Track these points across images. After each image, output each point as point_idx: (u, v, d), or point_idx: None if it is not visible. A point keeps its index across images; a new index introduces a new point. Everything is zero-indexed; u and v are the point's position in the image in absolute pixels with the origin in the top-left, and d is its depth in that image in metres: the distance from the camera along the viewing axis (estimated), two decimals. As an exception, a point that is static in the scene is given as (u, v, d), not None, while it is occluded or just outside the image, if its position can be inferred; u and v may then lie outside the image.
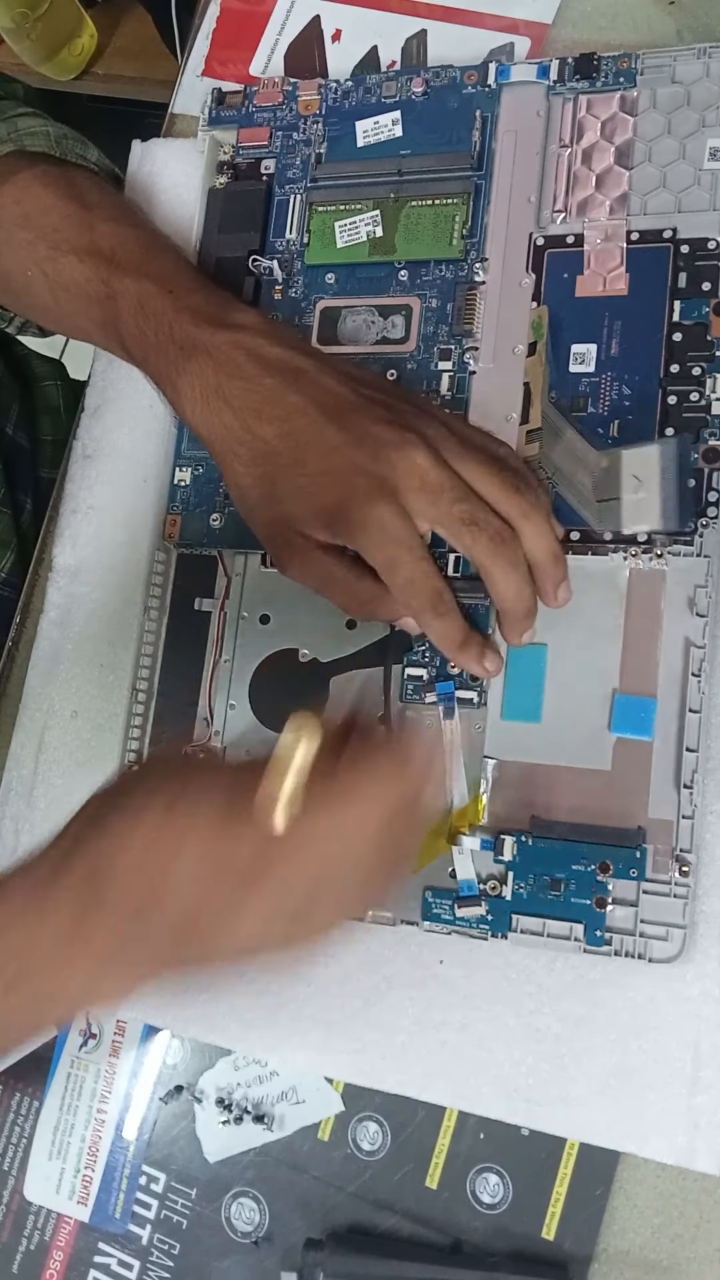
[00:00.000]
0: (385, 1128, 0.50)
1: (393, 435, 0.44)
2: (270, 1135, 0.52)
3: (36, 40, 1.24)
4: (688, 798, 0.46)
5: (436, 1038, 0.48)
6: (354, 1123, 0.51)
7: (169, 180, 0.61)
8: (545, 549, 0.46)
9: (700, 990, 0.45)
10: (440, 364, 0.53)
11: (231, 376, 0.46)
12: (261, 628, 0.54)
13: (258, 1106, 0.52)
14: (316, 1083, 0.51)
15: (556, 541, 0.46)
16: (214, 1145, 0.52)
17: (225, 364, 0.47)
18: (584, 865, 0.47)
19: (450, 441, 0.45)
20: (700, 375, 0.48)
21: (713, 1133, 0.44)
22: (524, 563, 0.45)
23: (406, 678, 0.51)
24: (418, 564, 0.44)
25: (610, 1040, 0.46)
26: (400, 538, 0.44)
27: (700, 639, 0.47)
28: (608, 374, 0.50)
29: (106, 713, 0.56)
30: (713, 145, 0.50)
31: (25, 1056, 0.57)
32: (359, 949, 0.50)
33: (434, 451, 0.44)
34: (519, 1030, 0.47)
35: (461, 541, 0.45)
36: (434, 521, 0.44)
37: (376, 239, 0.55)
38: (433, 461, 0.44)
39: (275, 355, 0.47)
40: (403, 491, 0.44)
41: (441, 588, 0.46)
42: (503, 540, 0.44)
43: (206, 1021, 0.52)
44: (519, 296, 0.52)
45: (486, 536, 0.44)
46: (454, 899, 0.48)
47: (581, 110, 0.52)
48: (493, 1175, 0.48)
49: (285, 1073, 0.52)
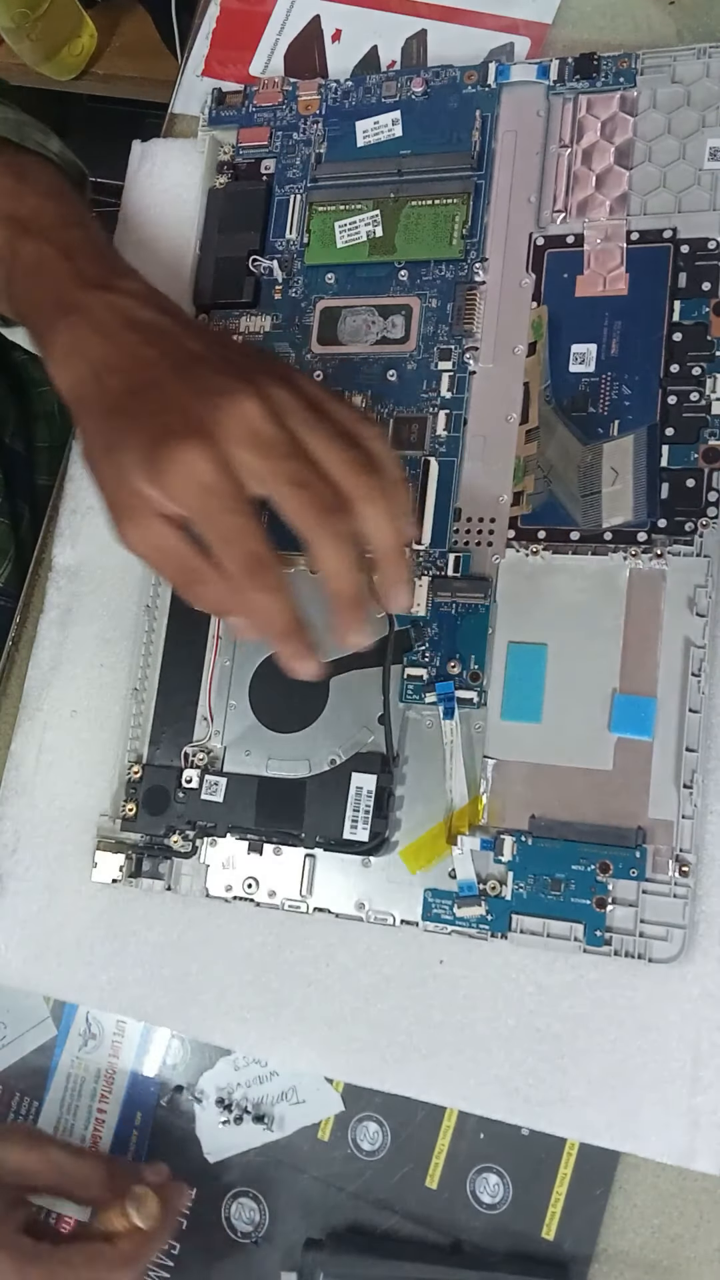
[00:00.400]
0: (385, 1128, 0.50)
1: (229, 384, 0.41)
2: (270, 1135, 0.52)
3: (36, 40, 1.24)
4: (688, 798, 0.46)
5: (436, 1038, 0.48)
6: (354, 1123, 0.51)
7: (169, 180, 0.61)
8: (385, 540, 0.42)
9: (700, 990, 0.45)
10: (440, 364, 0.53)
11: (95, 332, 0.45)
12: (261, 628, 0.54)
13: (258, 1106, 0.52)
14: (316, 1083, 0.51)
15: (400, 539, 0.42)
16: (214, 1145, 0.52)
17: (94, 322, 0.46)
18: (584, 865, 0.47)
19: (299, 405, 0.42)
20: (700, 375, 0.48)
21: (713, 1133, 0.44)
22: (354, 543, 0.41)
23: (406, 678, 0.51)
24: (232, 517, 0.40)
25: (610, 1040, 0.46)
26: (210, 484, 0.40)
27: (700, 639, 0.47)
28: (608, 374, 0.50)
29: (106, 713, 0.56)
30: (713, 145, 0.50)
31: (26, 1056, 0.57)
32: (359, 949, 0.50)
33: (272, 407, 0.41)
34: (519, 1030, 0.47)
35: (287, 505, 0.40)
36: (258, 479, 0.40)
37: (376, 239, 0.55)
38: (266, 415, 0.40)
39: (144, 317, 0.46)
40: (224, 439, 0.40)
41: (263, 552, 0.40)
42: (332, 510, 0.40)
43: (206, 1021, 0.52)
44: (519, 296, 0.52)
45: (314, 502, 0.40)
46: (454, 899, 0.48)
47: (581, 110, 0.52)
48: (493, 1175, 0.48)
49: (285, 1073, 0.52)
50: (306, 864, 0.51)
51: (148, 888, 0.53)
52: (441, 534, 0.52)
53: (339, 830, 0.50)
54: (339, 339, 0.55)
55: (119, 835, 0.54)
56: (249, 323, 0.57)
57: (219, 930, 0.52)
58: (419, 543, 0.52)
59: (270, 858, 0.52)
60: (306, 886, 0.51)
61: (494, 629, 0.50)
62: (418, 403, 0.53)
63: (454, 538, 0.51)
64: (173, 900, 0.53)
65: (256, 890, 0.52)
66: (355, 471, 0.41)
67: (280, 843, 0.52)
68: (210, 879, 0.52)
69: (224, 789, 0.53)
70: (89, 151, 0.65)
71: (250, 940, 0.52)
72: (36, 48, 1.26)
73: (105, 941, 0.54)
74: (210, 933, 0.53)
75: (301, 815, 0.51)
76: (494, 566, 0.50)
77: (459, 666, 0.50)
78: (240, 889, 0.52)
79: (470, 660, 0.50)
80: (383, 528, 0.42)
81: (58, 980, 0.55)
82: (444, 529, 0.52)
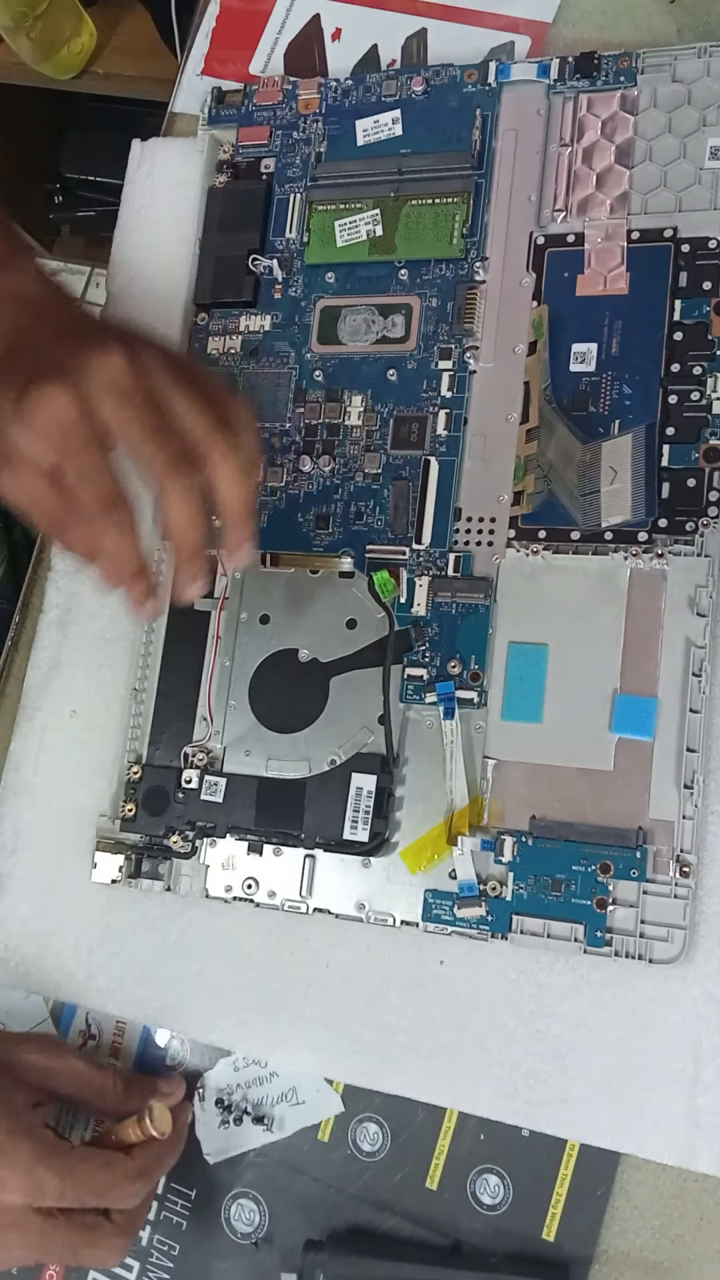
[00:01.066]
0: (385, 1129, 0.50)
1: (101, 339, 0.43)
2: (270, 1136, 0.52)
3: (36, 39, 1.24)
4: (689, 798, 0.46)
5: (436, 1038, 0.48)
6: (354, 1124, 0.51)
7: (169, 179, 0.61)
8: (232, 495, 0.44)
9: (701, 991, 0.45)
10: (440, 363, 0.53)
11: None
12: (261, 628, 0.54)
13: (257, 1107, 0.52)
14: (316, 1083, 0.51)
15: (247, 500, 0.44)
16: (214, 1146, 0.52)
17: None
18: (585, 866, 0.47)
19: (164, 366, 0.43)
20: (701, 374, 0.48)
21: (713, 1133, 0.44)
22: (200, 497, 0.43)
23: (406, 678, 0.51)
24: (89, 456, 0.42)
25: (611, 1041, 0.46)
26: (70, 424, 0.41)
27: (701, 639, 0.47)
28: (608, 373, 0.50)
29: (106, 713, 0.56)
30: (713, 144, 0.50)
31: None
32: (359, 949, 0.50)
33: (137, 363, 0.42)
34: (519, 1031, 0.47)
35: (141, 451, 0.42)
36: (118, 425, 0.42)
37: (376, 238, 0.55)
38: (130, 368, 0.42)
39: (32, 293, 0.48)
40: (87, 384, 0.42)
41: (114, 491, 0.42)
42: (183, 463, 0.42)
43: (206, 1021, 0.52)
44: (519, 296, 0.52)
45: (167, 453, 0.42)
46: (454, 900, 0.48)
47: (582, 109, 0.52)
48: (493, 1176, 0.48)
49: (285, 1073, 0.52)
50: (306, 864, 0.51)
51: (147, 888, 0.53)
52: (442, 534, 0.52)
53: (339, 830, 0.50)
54: (339, 338, 0.55)
55: (118, 836, 0.54)
56: (249, 322, 0.57)
57: (218, 931, 0.52)
58: (419, 542, 0.52)
59: (270, 858, 0.52)
60: (306, 887, 0.51)
61: (494, 629, 0.50)
62: (418, 402, 0.53)
63: (454, 537, 0.51)
64: (172, 901, 0.53)
65: (256, 891, 0.51)
66: (209, 429, 0.43)
67: (280, 843, 0.51)
68: (210, 879, 0.52)
69: (224, 789, 0.52)
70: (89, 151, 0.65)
71: (250, 941, 0.52)
72: (36, 46, 1.26)
73: (105, 942, 0.54)
74: (210, 933, 0.52)
75: (301, 815, 0.51)
76: (494, 566, 0.50)
77: (459, 666, 0.50)
78: (240, 889, 0.52)
79: (470, 660, 0.50)
80: (233, 485, 0.44)
81: (58, 980, 0.55)
82: (444, 529, 0.52)
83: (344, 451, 0.54)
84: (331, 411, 0.54)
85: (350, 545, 0.53)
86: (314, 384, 0.55)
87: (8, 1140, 0.47)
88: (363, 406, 0.54)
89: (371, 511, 0.53)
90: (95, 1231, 0.48)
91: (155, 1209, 0.53)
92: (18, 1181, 0.46)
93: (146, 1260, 0.53)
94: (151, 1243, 0.53)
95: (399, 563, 0.52)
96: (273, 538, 0.54)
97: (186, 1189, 0.53)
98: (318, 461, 0.54)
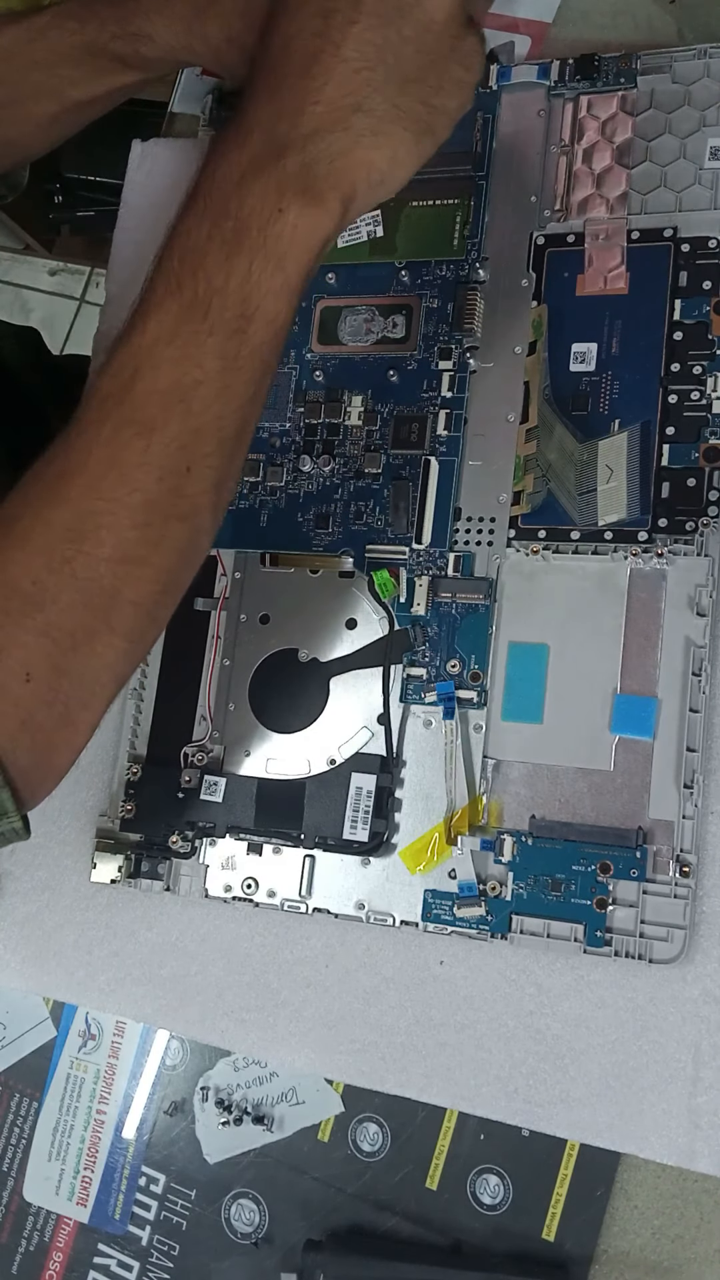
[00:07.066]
0: (385, 1129, 0.50)
1: None
2: (270, 1136, 0.52)
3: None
4: (689, 798, 0.46)
5: (436, 1038, 0.48)
6: (354, 1124, 0.51)
7: (169, 179, 0.61)
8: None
9: (701, 991, 0.45)
10: (440, 364, 0.53)
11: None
12: (261, 628, 0.54)
13: (257, 1107, 0.52)
14: (316, 1083, 0.51)
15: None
16: (214, 1146, 0.52)
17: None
18: (584, 866, 0.47)
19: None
20: (701, 374, 0.48)
21: (713, 1133, 0.44)
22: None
23: (406, 678, 0.51)
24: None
25: (610, 1041, 0.46)
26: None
27: (701, 639, 0.47)
28: (608, 373, 0.50)
29: (107, 712, 0.56)
30: (713, 144, 0.50)
31: (25, 1056, 0.57)
32: (359, 949, 0.50)
33: None
34: (519, 1031, 0.47)
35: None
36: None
37: (377, 239, 0.55)
38: None
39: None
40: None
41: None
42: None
43: (206, 1022, 0.52)
44: (519, 296, 0.52)
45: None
46: (454, 900, 0.48)
47: (582, 110, 0.52)
48: (493, 1176, 0.48)
49: (285, 1073, 0.52)
50: (306, 864, 0.51)
51: (147, 888, 0.53)
52: (442, 534, 0.52)
53: (339, 830, 0.50)
54: (339, 338, 0.55)
55: (118, 835, 0.54)
56: (249, 322, 0.57)
57: (218, 931, 0.52)
58: (419, 542, 0.52)
59: (270, 858, 0.52)
60: (306, 887, 0.51)
61: (494, 629, 0.50)
62: (418, 402, 0.53)
63: (454, 537, 0.51)
64: (172, 901, 0.53)
65: (256, 891, 0.51)
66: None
67: (280, 843, 0.51)
68: (209, 879, 0.52)
69: (223, 789, 0.52)
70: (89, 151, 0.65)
71: (249, 941, 0.52)
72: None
73: (104, 942, 0.54)
74: (209, 933, 0.52)
75: (301, 815, 0.51)
76: (494, 566, 0.50)
77: (459, 666, 0.50)
78: (239, 889, 0.52)
79: (470, 660, 0.50)
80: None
81: (57, 980, 0.55)
82: (444, 529, 0.52)
83: (344, 451, 0.54)
84: (332, 411, 0.54)
85: (350, 545, 0.53)
86: (314, 384, 0.55)
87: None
88: (363, 406, 0.54)
89: (371, 511, 0.53)
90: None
91: (155, 1209, 0.53)
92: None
93: (146, 1260, 0.53)
94: (151, 1243, 0.53)
95: (399, 562, 0.52)
96: (273, 538, 0.54)
97: (186, 1189, 0.53)
98: (318, 461, 0.54)
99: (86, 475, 0.39)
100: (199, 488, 0.40)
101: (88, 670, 0.40)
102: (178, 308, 0.39)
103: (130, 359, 0.39)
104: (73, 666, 0.39)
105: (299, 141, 0.39)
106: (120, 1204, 0.54)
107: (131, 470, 0.39)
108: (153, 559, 0.40)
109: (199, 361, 0.39)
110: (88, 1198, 0.55)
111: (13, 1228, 0.55)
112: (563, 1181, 0.47)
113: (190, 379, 0.39)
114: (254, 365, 0.40)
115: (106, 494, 0.39)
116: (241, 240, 0.39)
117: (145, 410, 0.39)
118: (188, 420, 0.39)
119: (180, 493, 0.40)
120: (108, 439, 0.39)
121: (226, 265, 0.39)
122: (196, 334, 0.39)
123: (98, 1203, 0.54)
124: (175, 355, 0.39)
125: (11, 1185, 0.56)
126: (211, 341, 0.39)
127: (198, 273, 0.39)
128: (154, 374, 0.39)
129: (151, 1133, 0.54)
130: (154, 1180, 0.53)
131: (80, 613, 0.39)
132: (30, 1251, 0.55)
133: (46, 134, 0.59)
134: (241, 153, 0.39)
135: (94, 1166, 0.55)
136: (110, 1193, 0.54)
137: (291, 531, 0.54)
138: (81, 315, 1.58)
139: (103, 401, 0.39)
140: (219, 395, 0.39)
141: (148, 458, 0.39)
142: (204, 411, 0.39)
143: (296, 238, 0.39)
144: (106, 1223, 0.54)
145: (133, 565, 0.39)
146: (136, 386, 0.39)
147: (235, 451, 0.41)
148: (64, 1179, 0.55)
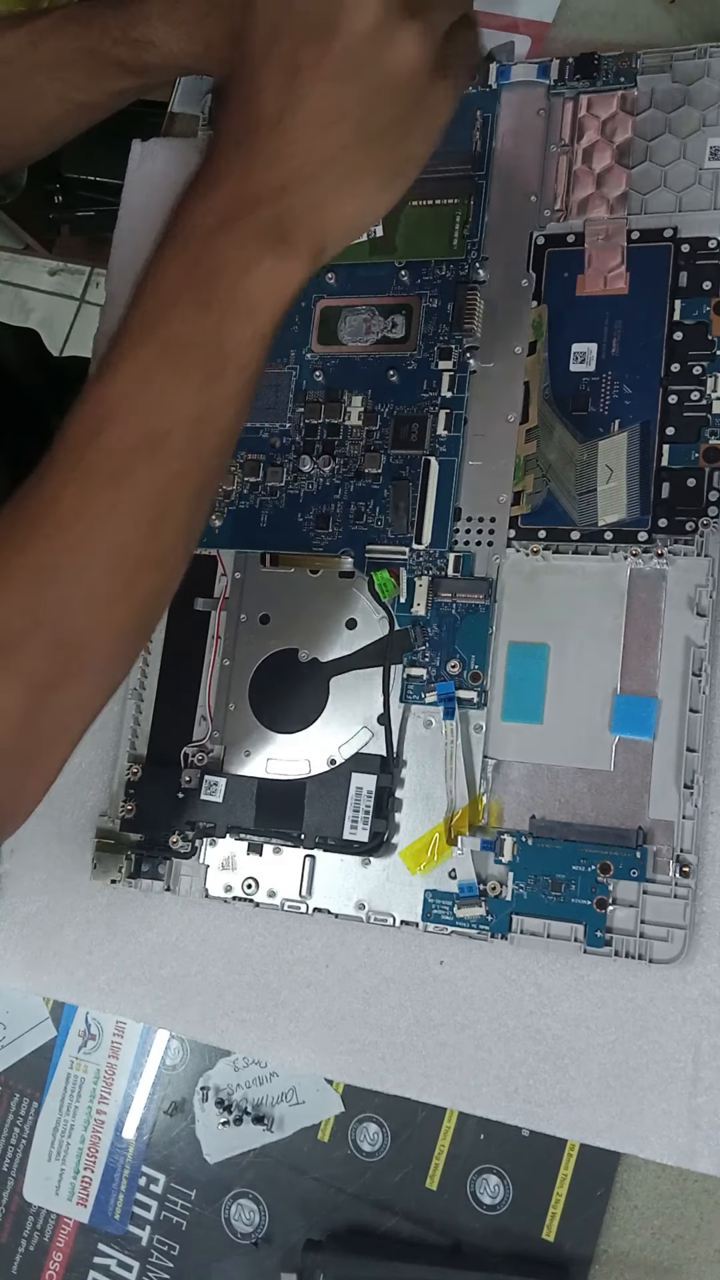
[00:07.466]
0: (385, 1129, 0.50)
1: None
2: (270, 1136, 0.52)
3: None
4: (689, 798, 0.46)
5: (436, 1038, 0.48)
6: (354, 1124, 0.51)
7: (169, 179, 0.60)
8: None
9: (701, 991, 0.45)
10: (440, 364, 0.53)
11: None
12: (261, 628, 0.54)
13: (257, 1107, 0.52)
14: (316, 1083, 0.51)
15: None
16: (214, 1146, 0.52)
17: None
18: (584, 866, 0.47)
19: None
20: (701, 374, 0.48)
21: (713, 1133, 0.44)
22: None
23: (406, 678, 0.51)
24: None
25: (610, 1041, 0.46)
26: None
27: (701, 639, 0.47)
28: (608, 373, 0.50)
29: (106, 712, 0.56)
30: (713, 144, 0.50)
31: (25, 1056, 0.57)
32: (359, 949, 0.50)
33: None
34: (519, 1031, 0.47)
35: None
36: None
37: (377, 239, 0.55)
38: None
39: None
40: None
41: None
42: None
43: (206, 1022, 0.52)
44: (519, 296, 0.52)
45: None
46: (454, 900, 0.48)
47: (582, 109, 0.52)
48: (493, 1176, 0.48)
49: (285, 1073, 0.52)
50: (306, 864, 0.51)
51: (147, 888, 0.53)
52: (442, 534, 0.52)
53: (339, 830, 0.50)
54: (339, 338, 0.55)
55: (118, 835, 0.54)
56: (249, 322, 0.57)
57: (218, 931, 0.52)
58: (419, 542, 0.52)
59: (270, 858, 0.52)
60: (306, 887, 0.51)
61: (494, 629, 0.50)
62: (418, 402, 0.53)
63: (454, 537, 0.51)
64: (172, 901, 0.53)
65: (256, 891, 0.51)
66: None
67: (280, 843, 0.51)
68: (210, 879, 0.52)
69: (223, 789, 0.52)
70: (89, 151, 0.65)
71: (250, 941, 0.52)
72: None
73: (104, 942, 0.54)
74: (209, 933, 0.52)
75: (301, 815, 0.51)
76: (494, 566, 0.50)
77: (459, 666, 0.50)
78: (240, 889, 0.52)
79: (471, 660, 0.50)
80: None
81: (57, 980, 0.55)
82: (444, 529, 0.52)
83: (344, 451, 0.54)
84: (332, 411, 0.54)
85: (350, 545, 0.53)
86: (314, 384, 0.55)
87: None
88: (363, 406, 0.54)
89: (371, 511, 0.53)
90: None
91: (155, 1209, 0.53)
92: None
93: (146, 1260, 0.53)
94: (151, 1243, 0.53)
95: (399, 563, 0.52)
96: (273, 538, 0.54)
97: (186, 1189, 0.53)
98: (318, 461, 0.54)
99: (55, 521, 0.39)
100: (169, 534, 0.40)
101: (57, 709, 0.40)
102: (148, 356, 0.39)
103: (99, 406, 0.39)
104: (43, 707, 0.40)
105: (270, 196, 0.39)
106: (120, 1204, 0.54)
107: (100, 519, 0.39)
108: (123, 603, 0.40)
109: (170, 411, 0.39)
110: (88, 1198, 0.55)
111: (13, 1228, 0.55)
112: (563, 1181, 0.47)
113: (161, 429, 0.39)
114: (226, 414, 0.40)
115: (75, 542, 0.39)
116: (213, 291, 0.39)
117: (114, 460, 0.39)
118: (157, 470, 0.39)
119: (150, 540, 0.40)
120: (77, 486, 0.39)
121: (198, 317, 0.39)
122: (167, 384, 0.39)
123: (98, 1203, 0.54)
124: (146, 405, 0.39)
125: (11, 1185, 0.56)
126: (183, 391, 0.39)
127: (171, 322, 0.39)
128: (124, 423, 0.39)
129: (151, 1133, 0.54)
130: (154, 1180, 0.53)
131: (50, 654, 0.39)
132: (30, 1251, 0.55)
133: (48, 137, 0.59)
134: (213, 199, 0.39)
135: (94, 1166, 0.55)
136: (110, 1193, 0.54)
137: (291, 531, 0.54)
138: (81, 315, 1.58)
139: (71, 448, 0.39)
140: (190, 445, 0.39)
141: (117, 506, 0.39)
142: (174, 461, 0.39)
143: (269, 290, 0.39)
144: (106, 1223, 0.54)
145: (103, 609, 0.40)
146: (106, 434, 0.38)
147: (205, 496, 0.41)
148: (64, 1179, 0.55)
